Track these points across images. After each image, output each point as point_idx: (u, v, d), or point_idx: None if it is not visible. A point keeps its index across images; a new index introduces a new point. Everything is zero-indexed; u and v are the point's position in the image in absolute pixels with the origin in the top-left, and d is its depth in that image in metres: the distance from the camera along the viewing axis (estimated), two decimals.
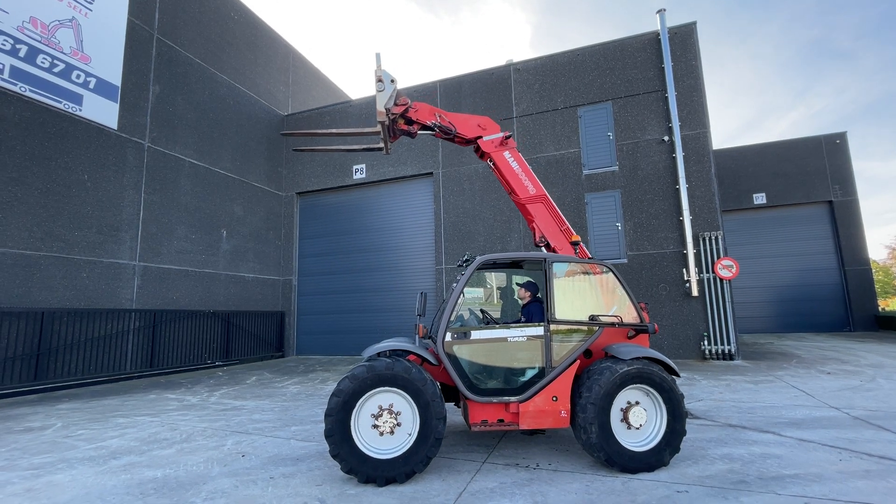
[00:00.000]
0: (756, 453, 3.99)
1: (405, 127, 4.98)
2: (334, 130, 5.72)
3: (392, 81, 4.73)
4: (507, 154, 4.87)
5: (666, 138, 11.09)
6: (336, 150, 5.79)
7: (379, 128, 4.92)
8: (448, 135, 4.93)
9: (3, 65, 8.29)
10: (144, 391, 8.26)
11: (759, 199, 18.79)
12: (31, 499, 3.37)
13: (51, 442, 4.91)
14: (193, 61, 12.21)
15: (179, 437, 5.04)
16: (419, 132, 5.13)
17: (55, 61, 9.09)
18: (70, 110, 9.25)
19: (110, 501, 3.29)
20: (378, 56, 4.79)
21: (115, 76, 10.15)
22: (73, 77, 9.37)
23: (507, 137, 4.89)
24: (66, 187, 9.12)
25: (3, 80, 8.27)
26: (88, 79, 9.63)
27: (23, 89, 8.54)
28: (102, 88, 9.87)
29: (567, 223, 4.84)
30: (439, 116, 4.90)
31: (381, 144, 5.25)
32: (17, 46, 8.51)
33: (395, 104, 4.81)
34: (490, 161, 4.96)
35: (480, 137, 4.89)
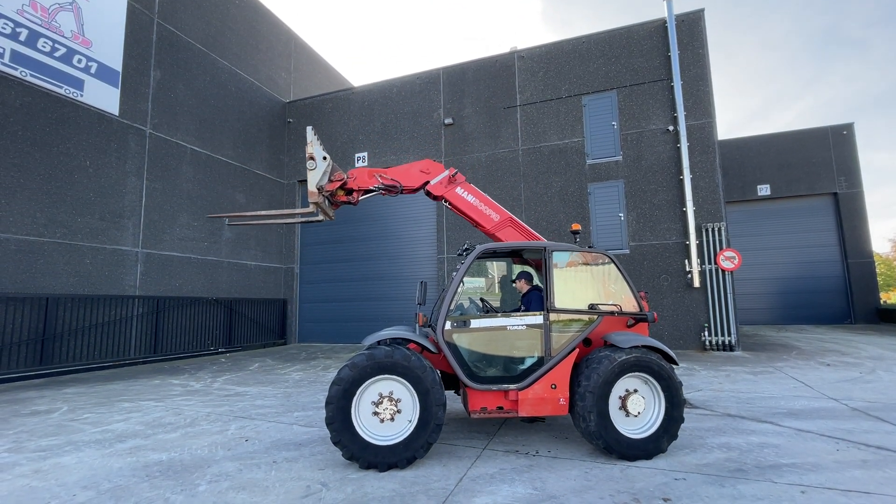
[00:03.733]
0: (754, 442, 4.03)
1: (345, 198, 4.73)
2: (264, 212, 5.36)
3: (324, 159, 4.45)
4: (459, 190, 4.69)
5: (671, 128, 10.98)
6: (272, 223, 5.43)
7: (313, 208, 4.63)
8: (395, 190, 4.72)
9: (4, 49, 8.23)
10: (148, 376, 8.35)
11: (764, 190, 18.67)
12: (40, 480, 3.43)
13: (57, 425, 4.99)
14: (194, 46, 12.10)
15: (184, 421, 5.11)
16: (361, 198, 4.86)
17: (56, 45, 9.02)
18: (71, 95, 9.21)
19: (117, 483, 3.36)
20: (309, 131, 4.50)
21: (115, 61, 10.08)
22: (75, 61, 9.30)
23: (455, 174, 4.67)
24: (69, 173, 9.11)
25: (4, 64, 8.22)
26: (90, 63, 9.56)
27: (24, 74, 8.49)
28: (103, 73, 9.81)
29: (542, 238, 4.80)
30: (379, 177, 4.68)
31: (322, 217, 4.89)
32: (18, 30, 8.44)
33: (330, 180, 4.54)
34: (445, 202, 4.78)
35: (428, 182, 4.70)
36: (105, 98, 9.82)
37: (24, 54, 8.52)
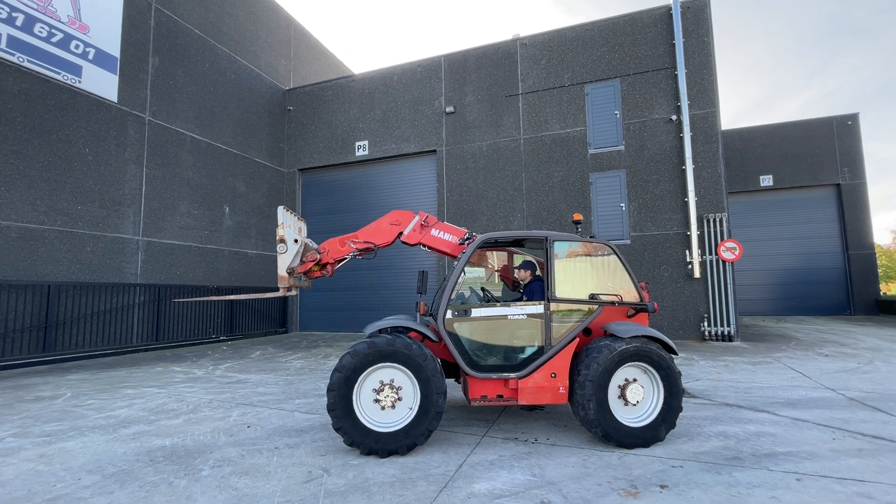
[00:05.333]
0: (751, 431, 4.07)
1: (319, 273, 4.52)
2: (233, 296, 5.21)
3: (296, 241, 4.20)
4: (435, 232, 4.57)
5: (674, 117, 10.89)
6: (234, 299, 5.02)
7: (283, 292, 4.39)
8: (371, 251, 4.58)
9: (1, 34, 8.13)
10: (151, 364, 8.41)
11: (766, 181, 18.58)
12: (45, 464, 3.48)
13: (61, 411, 5.04)
14: (193, 32, 11.96)
15: (186, 408, 5.16)
16: (337, 267, 4.68)
17: (53, 30, 8.91)
18: (69, 82, 9.13)
19: (121, 467, 3.40)
20: (281, 211, 4.21)
21: (113, 47, 9.97)
22: (72, 47, 9.20)
23: (426, 218, 4.53)
24: (68, 161, 9.08)
25: (1, 49, 8.14)
26: (87, 49, 9.46)
27: (21, 59, 8.40)
28: (101, 59, 9.71)
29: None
30: (351, 243, 4.49)
31: (295, 292, 4.57)
32: (14, 15, 8.34)
33: (302, 261, 4.30)
34: (423, 247, 4.67)
35: (401, 234, 4.56)
36: (103, 84, 9.73)
37: (21, 39, 8.43)
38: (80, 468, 3.39)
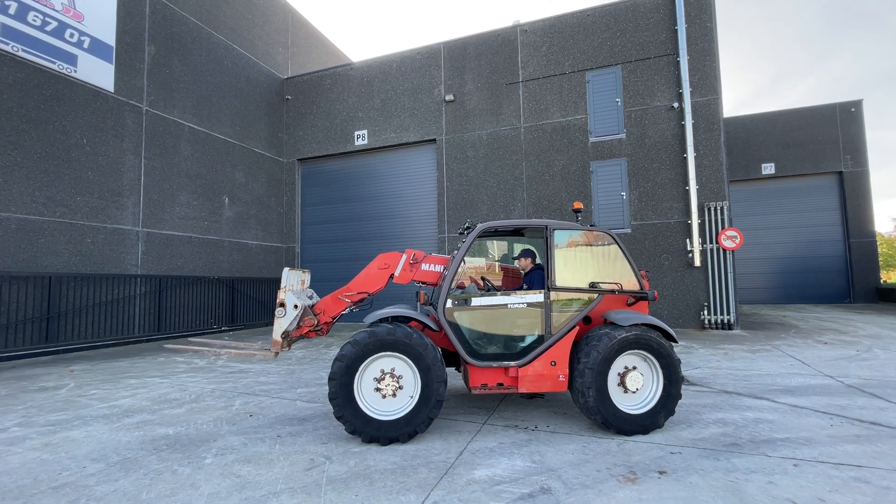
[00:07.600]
0: (749, 418, 4.10)
1: (315, 334, 4.49)
2: (220, 348, 4.74)
3: (295, 307, 4.13)
4: (426, 266, 4.51)
5: (676, 105, 10.78)
6: (223, 352, 4.60)
7: (273, 355, 4.33)
8: (365, 300, 4.52)
9: None
10: (153, 354, 8.46)
11: (768, 169, 18.49)
12: (50, 453, 3.52)
13: (65, 401, 5.08)
14: (189, 20, 11.80)
15: (189, 397, 5.20)
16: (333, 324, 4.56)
17: (47, 19, 8.79)
18: (65, 72, 9.03)
19: (126, 455, 3.44)
20: (286, 273, 4.15)
21: (109, 36, 9.84)
22: (67, 36, 9.09)
23: (413, 255, 4.48)
24: (66, 151, 9.02)
25: None
26: (82, 38, 9.34)
27: (15, 49, 8.30)
28: (97, 48, 9.59)
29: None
30: (345, 297, 4.44)
31: (288, 349, 4.48)
32: (7, 3, 8.21)
33: (299, 326, 4.23)
34: (417, 283, 4.58)
35: (393, 276, 4.52)
36: (99, 74, 9.63)
37: (15, 28, 8.32)
38: (85, 456, 3.43)
